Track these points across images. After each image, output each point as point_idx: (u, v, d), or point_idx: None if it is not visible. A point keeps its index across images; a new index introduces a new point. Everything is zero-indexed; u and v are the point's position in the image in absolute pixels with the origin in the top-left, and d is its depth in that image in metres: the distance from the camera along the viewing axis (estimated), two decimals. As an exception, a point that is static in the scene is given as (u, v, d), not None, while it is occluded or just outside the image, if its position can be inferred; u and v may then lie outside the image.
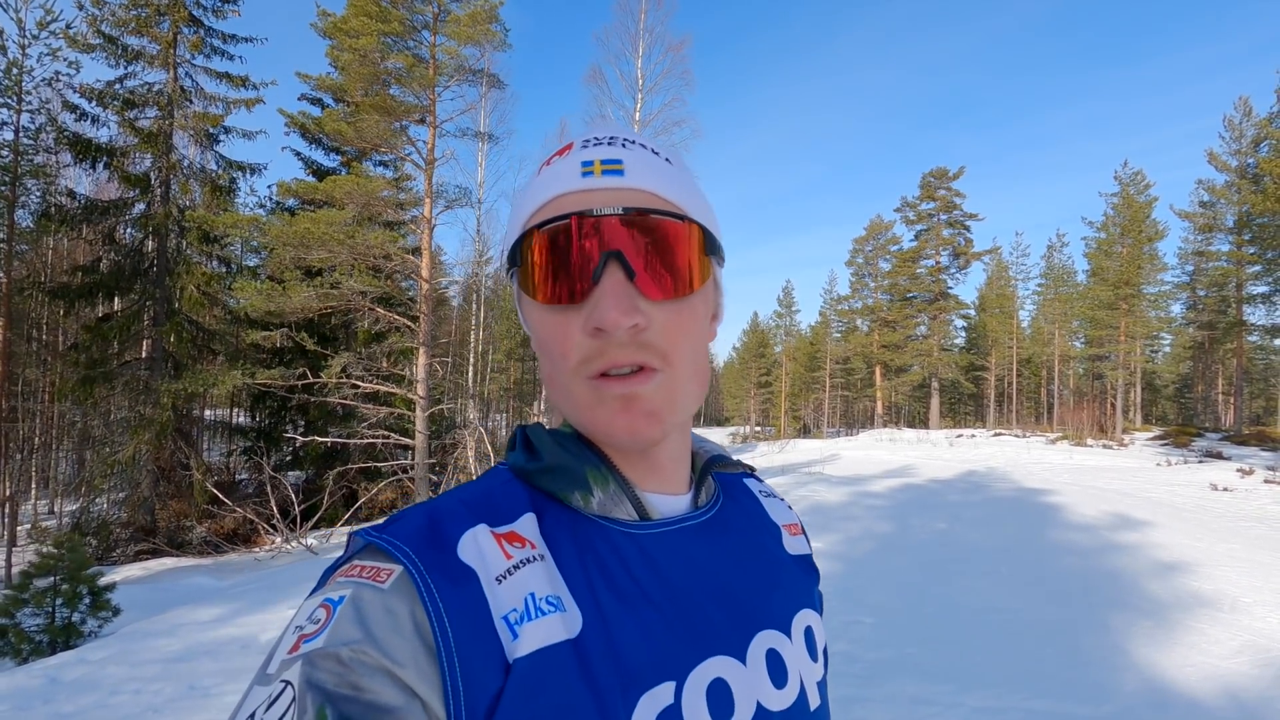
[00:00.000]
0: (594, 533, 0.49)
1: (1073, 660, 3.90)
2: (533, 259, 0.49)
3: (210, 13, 15.39)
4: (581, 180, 0.49)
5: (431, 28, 14.58)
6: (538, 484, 0.51)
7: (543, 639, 0.42)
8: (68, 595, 4.94)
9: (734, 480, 0.65)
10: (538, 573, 0.45)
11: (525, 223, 0.51)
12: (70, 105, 14.27)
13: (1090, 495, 9.68)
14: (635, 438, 0.48)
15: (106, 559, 12.82)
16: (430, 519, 0.47)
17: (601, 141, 0.52)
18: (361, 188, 13.53)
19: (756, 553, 0.57)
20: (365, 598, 0.41)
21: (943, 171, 36.65)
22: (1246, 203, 24.85)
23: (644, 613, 0.46)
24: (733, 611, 0.51)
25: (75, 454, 20.28)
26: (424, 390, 13.86)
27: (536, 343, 0.52)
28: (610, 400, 0.47)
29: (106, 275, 14.49)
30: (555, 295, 0.48)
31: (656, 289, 0.48)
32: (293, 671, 0.39)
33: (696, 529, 0.54)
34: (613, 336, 0.46)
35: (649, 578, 0.48)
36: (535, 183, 0.52)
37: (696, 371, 0.51)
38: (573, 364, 0.48)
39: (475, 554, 0.45)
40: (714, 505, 0.57)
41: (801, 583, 0.60)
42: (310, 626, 0.41)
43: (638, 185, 0.49)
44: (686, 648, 0.46)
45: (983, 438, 23.87)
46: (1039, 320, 41.01)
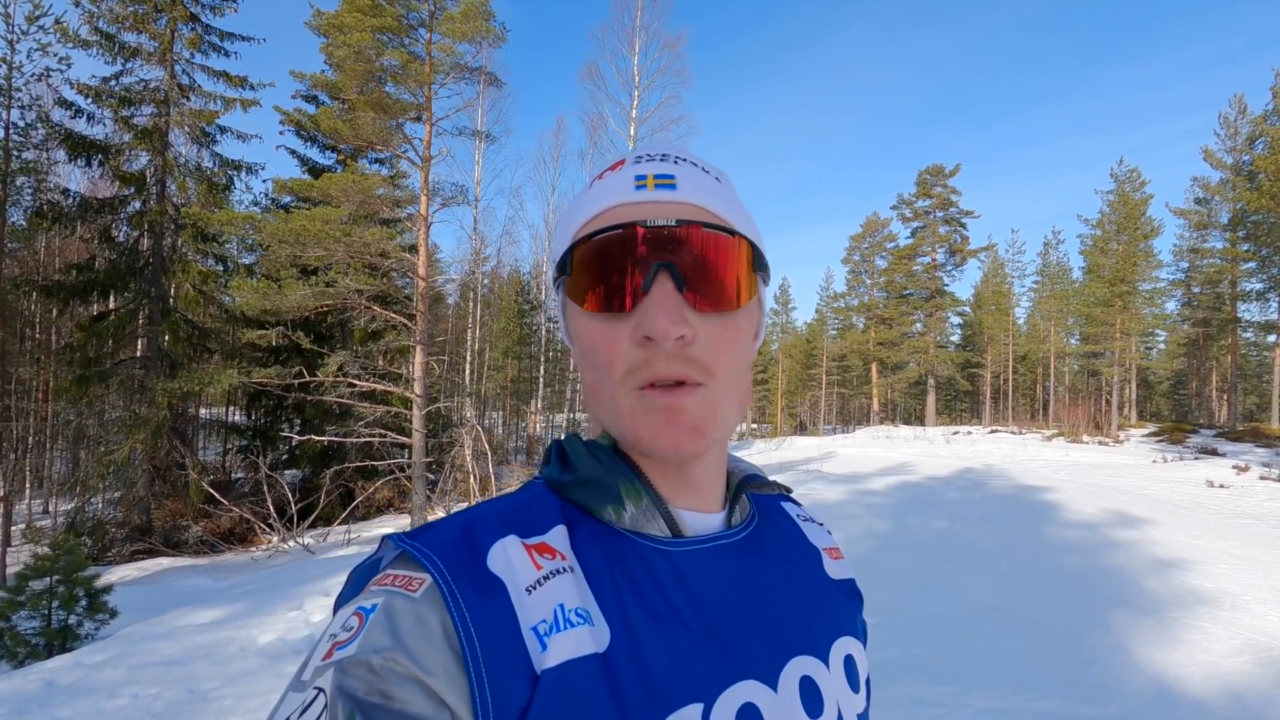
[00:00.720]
0: (625, 547, 0.49)
1: (1076, 660, 3.90)
2: (583, 268, 0.50)
3: (208, 10, 15.30)
4: (634, 193, 0.50)
5: (427, 24, 14.50)
6: (570, 496, 0.51)
7: (571, 651, 0.42)
8: (64, 597, 4.90)
9: (770, 502, 0.64)
10: (567, 584, 0.45)
11: (576, 233, 0.52)
12: (64, 102, 14.17)
13: (1087, 492, 9.70)
14: (678, 450, 0.47)
15: (102, 559, 12.76)
16: (463, 528, 0.47)
17: (654, 157, 0.53)
18: (357, 185, 13.47)
19: (793, 575, 0.56)
20: (397, 606, 0.42)
21: (939, 169, 36.69)
22: (1241, 200, 24.94)
23: (674, 631, 0.45)
24: (766, 635, 0.49)
25: (70, 453, 20.17)
26: (421, 389, 13.80)
27: (580, 352, 0.52)
28: (655, 411, 0.47)
29: (101, 273, 14.40)
30: (605, 304, 0.48)
31: (705, 301, 0.48)
32: (325, 678, 0.39)
33: (730, 548, 0.53)
34: (661, 346, 0.46)
35: (680, 596, 0.47)
36: (587, 195, 0.53)
37: (738, 388, 0.51)
38: (619, 374, 0.48)
39: (504, 564, 0.45)
40: (748, 525, 0.56)
41: (842, 608, 0.58)
42: (344, 634, 0.42)
43: (689, 199, 0.50)
44: (716, 670, 0.45)
45: (979, 435, 23.93)
46: (1034, 317, 41.16)
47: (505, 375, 30.15)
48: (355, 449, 15.74)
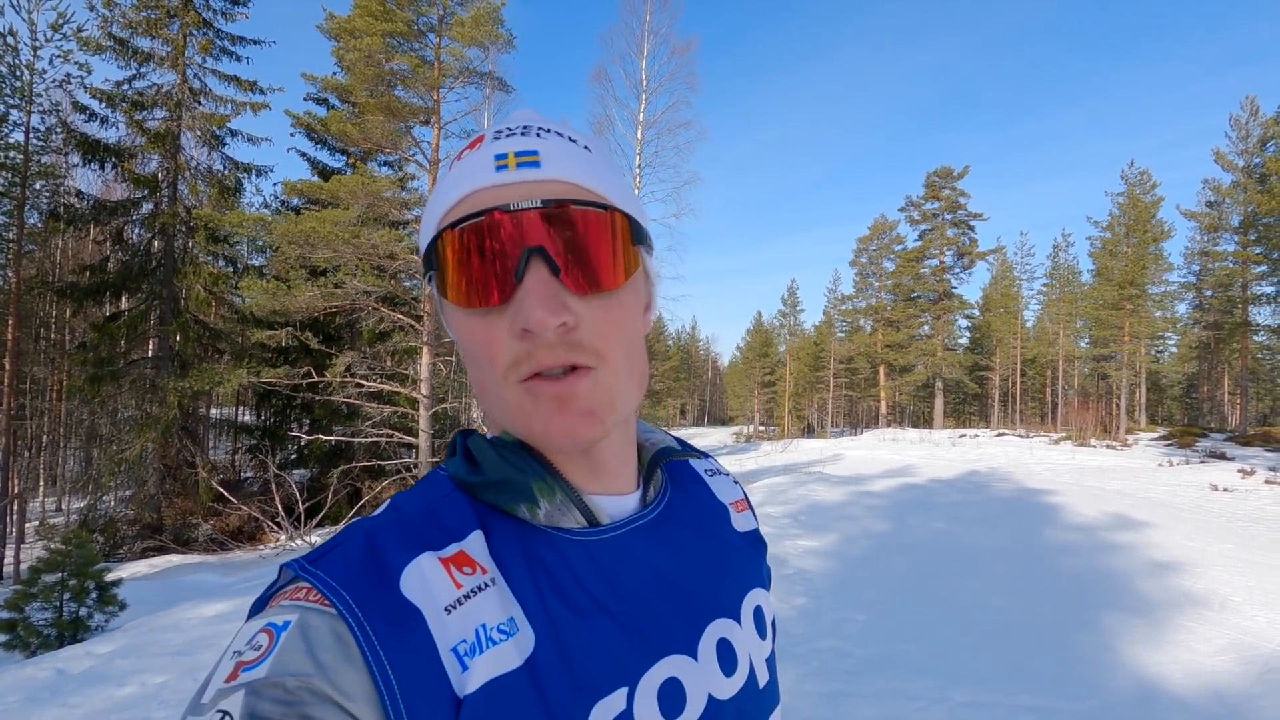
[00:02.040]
0: (543, 545, 0.48)
1: (1061, 657, 3.96)
2: (448, 261, 0.46)
3: (220, 15, 15.56)
4: (495, 174, 0.46)
5: (436, 30, 14.68)
6: (481, 497, 0.49)
7: (492, 670, 0.41)
8: (75, 590, 5.05)
9: (682, 466, 0.63)
10: (490, 600, 0.43)
11: (438, 223, 0.48)
12: (80, 106, 14.45)
13: (1090, 495, 9.71)
14: (574, 439, 0.46)
15: (113, 556, 12.98)
16: (368, 548, 0.44)
17: (514, 132, 0.49)
18: (366, 188, 13.65)
19: (706, 542, 0.57)
20: (313, 624, 0.39)
21: (947, 171, 36.59)
22: (1252, 203, 24.75)
23: (596, 622, 0.45)
24: (684, 608, 0.50)
25: (83, 452, 20.48)
26: (427, 389, 13.95)
27: (462, 350, 0.50)
28: (545, 402, 0.45)
29: (114, 275, 14.67)
30: (476, 298, 0.45)
31: (584, 284, 0.45)
32: (232, 701, 0.36)
33: (645, 529, 0.53)
34: (541, 337, 0.44)
35: (600, 585, 0.47)
36: (446, 180, 0.49)
37: (633, 367, 0.49)
38: (501, 369, 0.46)
39: (420, 586, 0.42)
40: (661, 499, 0.56)
41: (750, 562, 0.60)
42: (251, 653, 0.38)
43: (556, 176, 0.47)
44: (639, 652, 0.46)
45: (985, 438, 23.85)
46: (1043, 320, 40.90)
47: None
48: (363, 449, 15.91)
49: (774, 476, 12.48)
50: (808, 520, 7.84)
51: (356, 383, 13.96)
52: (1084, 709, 3.28)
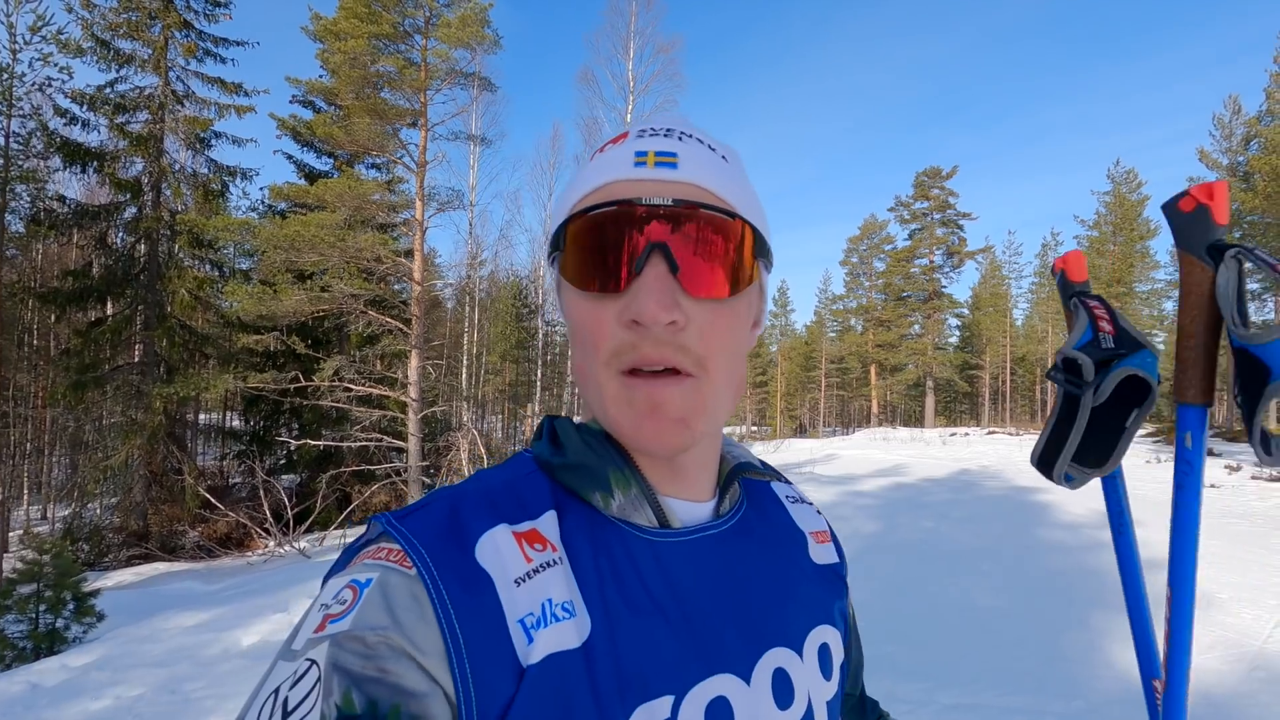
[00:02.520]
0: (611, 536, 0.48)
1: (1048, 657, 3.94)
2: (575, 244, 0.48)
3: (202, 16, 15.41)
4: (634, 170, 0.48)
5: (423, 31, 14.60)
6: (560, 479, 0.51)
7: (555, 644, 0.42)
8: (51, 601, 4.96)
9: (761, 486, 0.63)
10: (556, 577, 0.45)
11: (572, 208, 0.50)
12: (61, 110, 14.27)
13: (1078, 493, 9.73)
14: (661, 444, 0.47)
15: (99, 564, 12.82)
16: (452, 514, 0.46)
17: (658, 132, 0.51)
18: (353, 190, 13.55)
19: (776, 565, 0.56)
20: (392, 583, 0.41)
21: (936, 171, 36.79)
22: (1236, 201, 25.00)
23: (652, 623, 0.45)
24: (744, 628, 0.50)
25: (69, 459, 20.25)
26: (416, 393, 13.87)
27: (571, 330, 0.51)
28: (639, 402, 0.46)
29: (98, 280, 14.49)
30: (594, 282, 0.47)
31: (700, 286, 0.46)
32: (319, 651, 0.39)
33: (715, 539, 0.52)
34: (649, 331, 0.45)
35: (661, 588, 0.47)
36: (586, 169, 0.52)
37: (731, 379, 0.50)
38: (604, 355, 0.47)
39: (493, 556, 0.44)
40: (736, 513, 0.56)
41: (821, 596, 0.58)
42: (336, 607, 0.41)
43: (690, 179, 0.48)
44: (691, 663, 0.46)
45: (976, 436, 23.96)
46: (1033, 318, 41.18)
47: (503, 379, 30.20)
48: (352, 453, 15.79)
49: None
50: (797, 521, 7.81)
51: (345, 387, 13.86)
52: (1071, 709, 3.26)
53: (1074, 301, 0.80)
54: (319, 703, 0.37)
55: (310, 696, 0.37)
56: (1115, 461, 0.77)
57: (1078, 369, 0.72)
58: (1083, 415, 0.72)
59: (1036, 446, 0.79)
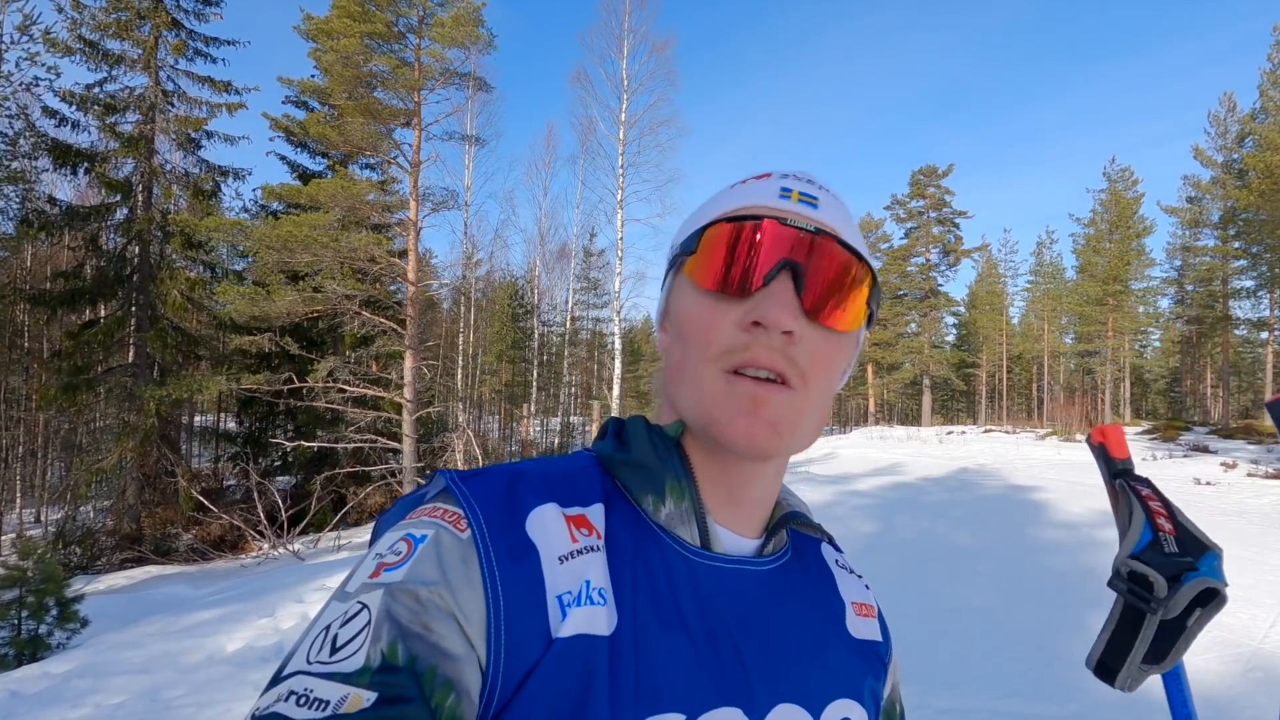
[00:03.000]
0: (652, 543, 0.49)
1: (1043, 659, 3.90)
2: (710, 245, 0.50)
3: (192, 15, 15.29)
4: (778, 200, 0.51)
5: (416, 30, 14.53)
6: (617, 474, 0.52)
7: (585, 626, 0.43)
8: (34, 607, 4.88)
9: (810, 543, 0.62)
10: (597, 562, 0.46)
11: (709, 218, 0.53)
12: (50, 110, 14.15)
13: (1075, 491, 9.71)
14: (751, 443, 0.47)
15: (91, 567, 12.71)
16: (510, 483, 0.48)
17: (801, 178, 0.55)
18: (346, 191, 13.48)
19: (808, 622, 0.54)
20: (446, 542, 0.43)
21: (932, 169, 36.78)
22: (1231, 198, 25.01)
23: (676, 638, 0.46)
24: (763, 671, 0.48)
25: (62, 462, 20.14)
26: (411, 393, 13.80)
27: (678, 332, 0.52)
28: (739, 398, 0.47)
29: (89, 281, 14.37)
30: (721, 283, 0.49)
31: (818, 311, 0.49)
32: (372, 597, 0.40)
33: (754, 576, 0.52)
34: (766, 335, 0.47)
35: (690, 606, 0.47)
36: (728, 194, 0.55)
37: (823, 406, 0.51)
38: (714, 352, 0.48)
39: (541, 530, 0.45)
40: (779, 558, 0.55)
41: (853, 670, 0.55)
42: (392, 557, 0.42)
43: (829, 220, 0.51)
44: (706, 687, 0.45)
45: (972, 434, 23.95)
46: (1029, 316, 41.22)
47: (500, 379, 30.13)
48: (347, 455, 15.72)
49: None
50: (792, 521, 7.77)
51: (339, 388, 13.78)
52: (1065, 713, 3.21)
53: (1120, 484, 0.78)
54: (366, 645, 0.38)
55: (358, 638, 0.38)
56: (1176, 658, 0.73)
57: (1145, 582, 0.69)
58: (1149, 629, 0.70)
59: (1094, 651, 0.76)
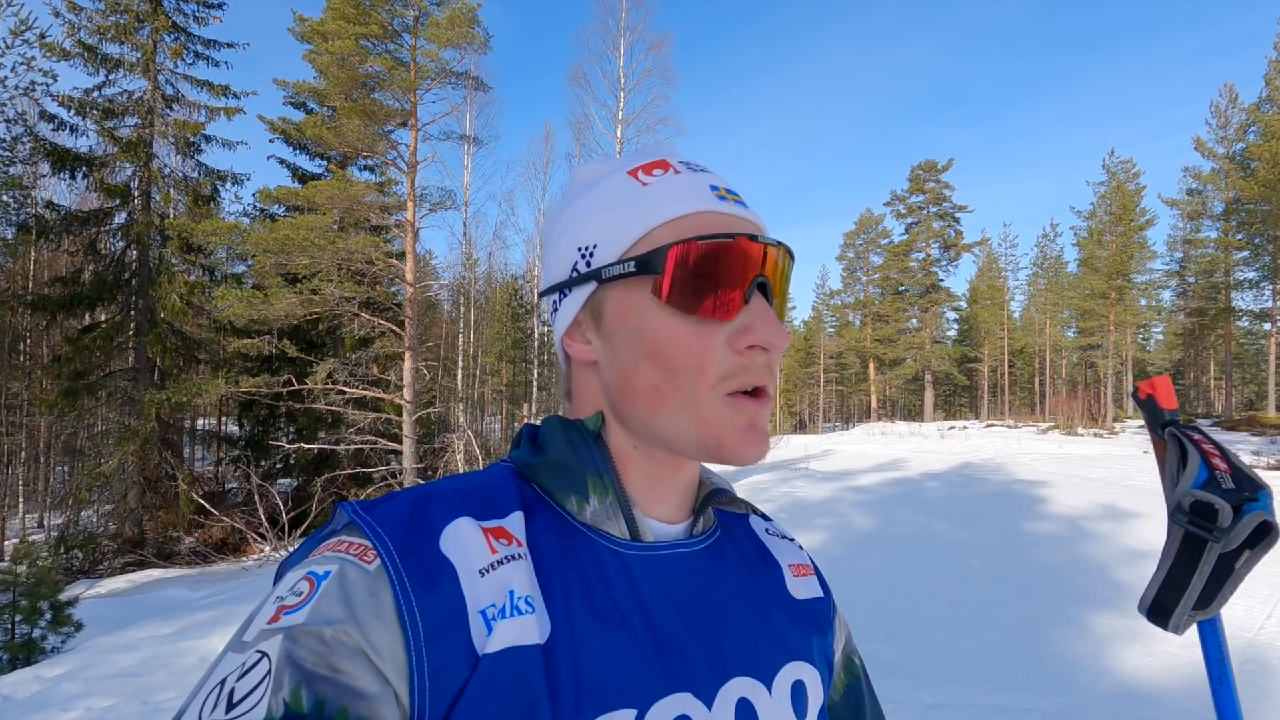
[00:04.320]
0: (580, 543, 0.48)
1: (1035, 653, 3.88)
2: (684, 269, 0.48)
3: (192, 19, 15.30)
4: (719, 203, 0.51)
5: (412, 30, 14.51)
6: (536, 479, 0.51)
7: (515, 638, 0.41)
8: (27, 611, 4.89)
9: (736, 519, 0.62)
10: (520, 571, 0.44)
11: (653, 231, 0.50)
12: (48, 115, 14.17)
13: (1075, 485, 9.67)
14: (754, 456, 0.49)
15: (94, 571, 12.75)
16: (417, 504, 0.46)
17: (700, 168, 0.54)
18: (344, 192, 13.47)
19: (747, 594, 0.55)
20: (351, 576, 0.41)
21: (931, 164, 36.69)
22: (1234, 189, 24.88)
23: (616, 634, 0.45)
24: (709, 651, 0.48)
25: (64, 466, 20.20)
26: (411, 394, 13.80)
27: (649, 351, 0.49)
28: (743, 419, 0.48)
29: (88, 286, 14.39)
30: (705, 308, 0.48)
31: (779, 317, 0.51)
32: (271, 644, 0.38)
33: (686, 558, 0.52)
34: (765, 357, 0.48)
35: (627, 599, 0.47)
36: (652, 192, 0.51)
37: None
38: (712, 378, 0.48)
39: (457, 546, 0.44)
40: (709, 537, 0.56)
41: (798, 632, 0.56)
42: (292, 599, 0.40)
43: (758, 219, 0.53)
44: (654, 678, 0.44)
45: (974, 429, 23.89)
46: (1030, 311, 41.09)
47: (500, 379, 30.15)
48: (348, 456, 15.73)
49: (760, 474, 12.40)
50: (789, 519, 7.75)
51: (339, 390, 13.79)
52: (1055, 707, 3.19)
53: (1169, 432, 0.77)
54: (266, 696, 0.35)
55: (258, 690, 0.36)
56: (1220, 604, 0.73)
57: (1209, 512, 0.68)
58: (1208, 562, 0.70)
59: (1148, 592, 0.75)
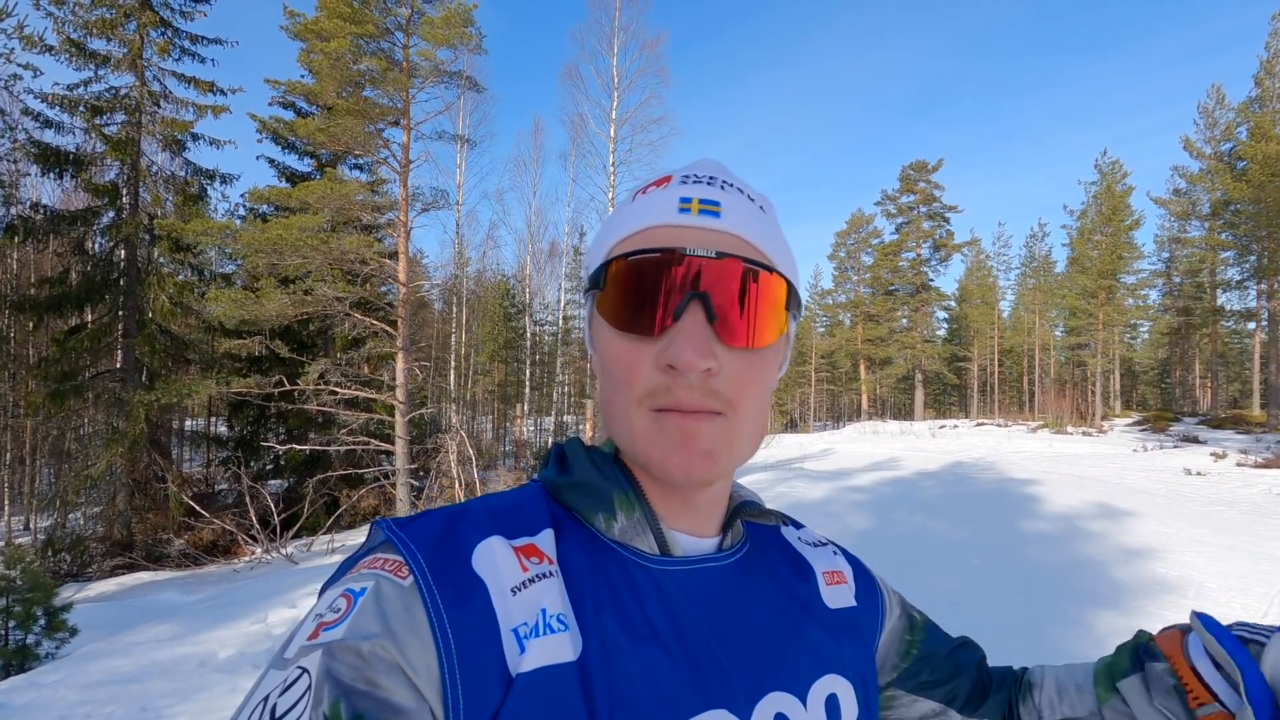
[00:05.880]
0: (610, 559, 0.48)
1: (1034, 650, 3.91)
2: (616, 285, 0.49)
3: (179, 14, 15.12)
4: (678, 215, 0.49)
5: (405, 30, 14.42)
6: (563, 499, 0.52)
7: (549, 657, 0.41)
8: (21, 617, 4.83)
9: (768, 531, 0.62)
10: (552, 589, 0.45)
11: (613, 248, 0.51)
12: (31, 112, 13.97)
13: (1067, 483, 9.76)
14: (689, 476, 0.47)
15: (82, 575, 12.61)
16: (450, 522, 0.47)
17: (701, 180, 0.52)
18: (335, 192, 13.37)
19: (779, 607, 0.54)
20: (386, 592, 0.41)
21: (922, 164, 36.88)
22: (1221, 188, 25.15)
23: (649, 650, 0.45)
24: (743, 667, 0.48)
25: (52, 469, 19.95)
26: (403, 395, 13.73)
27: (601, 364, 0.52)
28: (670, 434, 0.47)
29: (75, 286, 14.21)
30: (632, 324, 0.48)
31: (735, 336, 0.48)
32: (311, 659, 0.38)
33: (718, 572, 0.52)
34: (684, 376, 0.46)
35: (660, 615, 0.47)
36: (628, 209, 0.53)
37: (757, 421, 0.51)
38: (638, 394, 0.48)
39: (489, 564, 0.44)
40: (738, 551, 0.55)
41: (830, 643, 0.55)
42: (331, 615, 0.41)
43: (732, 230, 0.49)
44: (688, 695, 0.44)
45: (965, 428, 24.05)
46: (1019, 310, 41.40)
47: (493, 379, 30.05)
48: (339, 457, 15.64)
49: (756, 473, 12.43)
50: (786, 518, 7.76)
51: (331, 390, 13.69)
52: (1058, 706, 3.22)
53: None
54: (307, 711, 0.36)
55: (299, 705, 0.37)
56: None
57: None
58: None
59: None
